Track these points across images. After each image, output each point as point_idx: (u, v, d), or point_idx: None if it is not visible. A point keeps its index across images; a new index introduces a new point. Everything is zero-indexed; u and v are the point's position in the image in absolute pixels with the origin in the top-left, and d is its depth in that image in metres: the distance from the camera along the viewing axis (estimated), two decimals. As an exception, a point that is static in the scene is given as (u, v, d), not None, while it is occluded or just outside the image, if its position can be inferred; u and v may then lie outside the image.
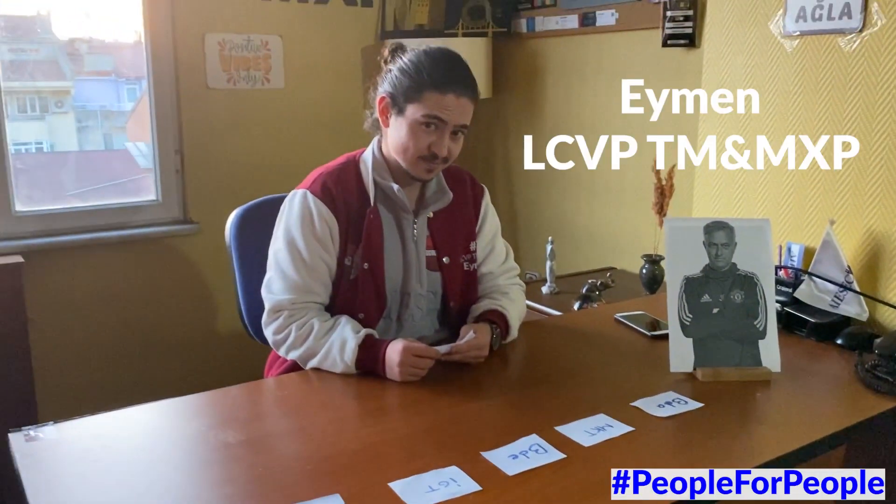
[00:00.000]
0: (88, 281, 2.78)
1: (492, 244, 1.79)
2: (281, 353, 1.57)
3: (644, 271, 2.48)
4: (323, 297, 1.60)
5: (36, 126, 2.93)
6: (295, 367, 1.60)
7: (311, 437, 1.27)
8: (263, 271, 1.62)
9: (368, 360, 1.49)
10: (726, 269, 1.60)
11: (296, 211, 1.59)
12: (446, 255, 1.69)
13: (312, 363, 1.53)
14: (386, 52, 1.63)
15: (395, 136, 1.57)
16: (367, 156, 1.65)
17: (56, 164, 3.01)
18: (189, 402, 1.41)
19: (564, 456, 1.20)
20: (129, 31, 3.00)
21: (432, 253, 1.68)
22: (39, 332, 2.63)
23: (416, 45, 1.64)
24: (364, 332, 1.52)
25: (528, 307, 2.40)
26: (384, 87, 1.59)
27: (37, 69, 2.86)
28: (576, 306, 2.37)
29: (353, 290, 1.60)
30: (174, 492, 1.10)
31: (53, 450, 1.22)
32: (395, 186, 1.60)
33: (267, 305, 1.58)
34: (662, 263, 2.48)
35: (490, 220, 1.79)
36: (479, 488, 1.10)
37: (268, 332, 1.58)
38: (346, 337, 1.50)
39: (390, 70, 1.59)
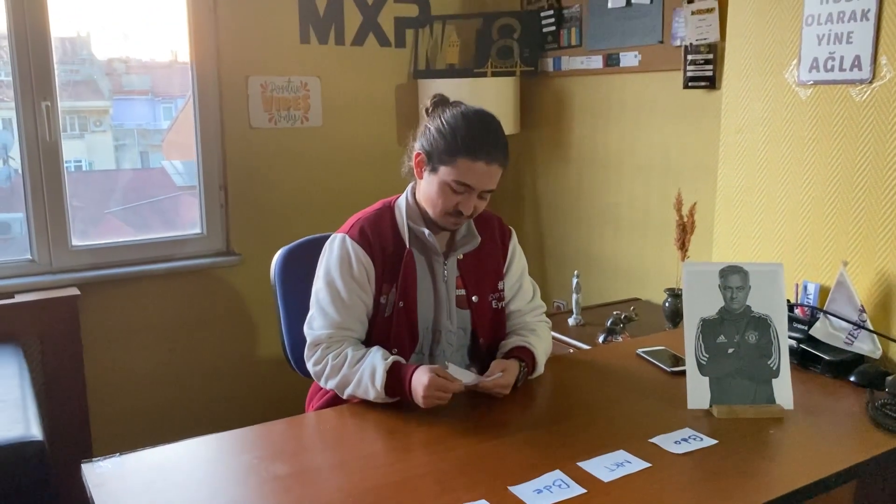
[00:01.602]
0: (138, 311, 2.94)
1: (519, 283, 1.90)
2: (321, 383, 1.70)
3: (667, 304, 2.57)
4: (359, 333, 1.73)
5: (76, 145, 3.07)
6: (334, 399, 1.72)
7: (352, 470, 1.38)
8: (305, 307, 1.75)
9: (396, 385, 1.59)
10: (741, 311, 1.69)
11: (335, 253, 1.73)
12: (475, 294, 1.80)
13: (348, 391, 1.64)
14: (429, 103, 1.77)
15: (426, 190, 1.70)
16: (402, 202, 1.77)
17: (96, 181, 3.17)
18: (239, 436, 1.54)
19: (585, 491, 1.30)
20: (165, 51, 3.16)
21: (462, 292, 1.80)
22: (93, 360, 2.79)
23: (455, 96, 1.77)
24: (392, 358, 1.63)
25: (555, 338, 2.51)
26: (421, 143, 1.72)
27: (77, 89, 3.00)
28: (600, 339, 2.47)
29: (388, 327, 1.72)
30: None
31: (120, 480, 1.35)
32: (427, 232, 1.72)
33: (308, 340, 1.71)
34: (682, 287, 2.57)
35: (517, 261, 1.90)
36: (507, 521, 1.21)
37: (309, 365, 1.71)
38: (375, 364, 1.61)
39: (429, 127, 1.71)
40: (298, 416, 1.65)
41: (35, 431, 1.81)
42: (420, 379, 1.58)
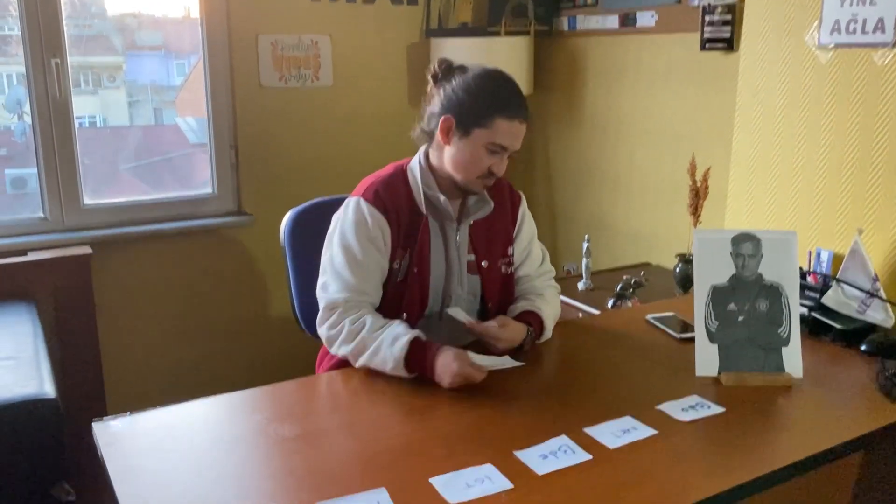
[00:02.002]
0: (150, 270, 2.96)
1: (528, 248, 1.89)
2: (333, 349, 1.68)
3: (677, 270, 2.55)
4: (375, 298, 1.71)
5: (90, 100, 3.06)
6: (343, 363, 1.73)
7: (360, 432, 1.40)
8: (315, 268, 1.74)
9: (418, 360, 1.57)
10: (752, 278, 1.68)
11: (350, 217, 1.70)
12: (485, 260, 1.79)
13: (363, 359, 1.60)
14: (436, 69, 1.73)
15: (456, 156, 1.68)
16: (415, 167, 1.75)
17: (109, 138, 3.17)
18: (248, 396, 1.55)
19: (591, 457, 1.30)
20: (177, 6, 3.11)
21: (472, 257, 1.79)
22: (106, 319, 2.82)
23: (462, 61, 1.73)
24: (416, 332, 1.61)
25: (564, 303, 2.50)
26: (447, 107, 1.67)
27: (89, 44, 2.96)
28: (610, 304, 2.46)
29: (399, 292, 1.72)
30: (240, 481, 1.23)
31: (131, 439, 1.37)
32: (443, 198, 1.71)
33: (322, 304, 1.69)
34: (693, 254, 2.55)
35: (527, 226, 1.89)
36: (511, 486, 1.21)
37: (322, 330, 1.68)
38: (398, 333, 1.58)
39: (453, 90, 1.67)
40: (308, 377, 1.66)
41: (48, 389, 1.83)
42: (448, 364, 1.54)
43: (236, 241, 3.11)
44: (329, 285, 1.69)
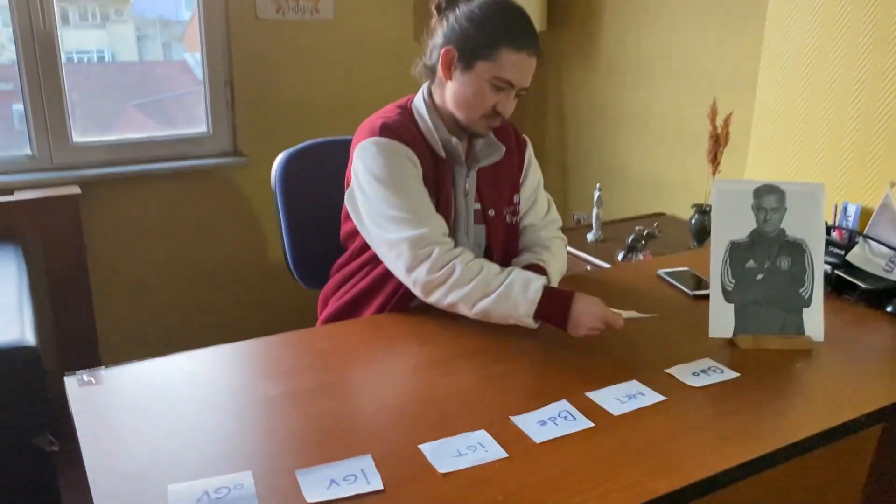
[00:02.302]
0: (142, 212, 2.86)
1: (534, 196, 1.78)
2: (433, 297, 1.48)
3: (693, 221, 2.43)
4: (443, 227, 1.53)
5: (97, 35, 2.96)
6: (344, 312, 1.63)
7: (348, 393, 1.31)
8: (308, 214, 1.62)
9: (552, 306, 1.44)
10: (774, 234, 1.56)
11: (377, 157, 1.50)
12: (491, 209, 1.68)
13: (483, 304, 1.44)
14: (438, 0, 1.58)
15: (458, 92, 1.54)
16: (421, 106, 1.61)
17: (118, 73, 3.05)
18: (234, 351, 1.46)
19: (592, 424, 1.21)
20: None
21: (478, 206, 1.67)
22: (97, 260, 2.73)
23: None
24: (545, 277, 1.50)
25: (572, 255, 2.39)
26: (449, 38, 1.54)
27: None
28: (620, 257, 2.35)
29: None
30: (217, 444, 1.15)
31: (104, 395, 1.28)
32: (455, 140, 1.58)
33: (406, 249, 1.46)
34: (711, 205, 2.42)
35: (533, 173, 1.77)
36: (506, 455, 1.12)
37: (419, 273, 1.46)
38: (528, 277, 1.46)
39: (457, 19, 1.53)
40: (296, 331, 1.56)
41: (29, 337, 1.76)
42: (588, 308, 1.43)
43: (232, 183, 3.00)
44: (390, 233, 1.48)
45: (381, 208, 1.50)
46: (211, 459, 1.11)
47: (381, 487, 1.05)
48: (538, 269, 1.67)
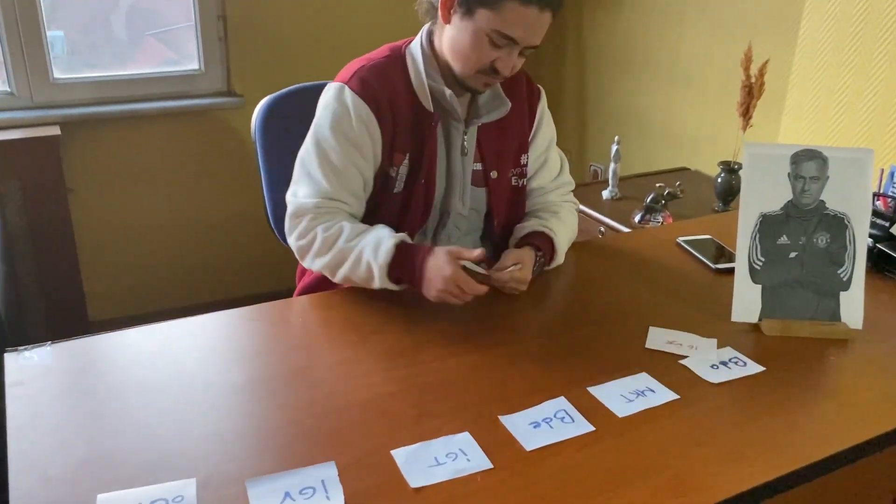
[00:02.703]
0: (130, 154, 2.70)
1: (545, 155, 1.59)
2: (306, 263, 1.43)
3: (719, 180, 2.23)
4: (353, 208, 1.43)
5: None
6: (325, 280, 1.48)
7: (316, 382, 1.16)
8: (290, 168, 1.46)
9: (404, 266, 1.32)
10: (812, 206, 1.37)
11: (330, 108, 1.40)
12: (494, 170, 1.50)
13: (342, 272, 1.36)
14: None
15: (455, 39, 1.35)
16: (416, 50, 1.42)
17: (100, 5, 2.84)
18: (198, 325, 1.32)
19: (593, 429, 1.06)
20: None
21: (479, 167, 1.49)
22: (81, 205, 2.59)
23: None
24: (401, 235, 1.35)
25: (585, 214, 2.21)
26: None
27: None
28: (637, 218, 2.16)
29: (400, 206, 1.44)
30: (162, 443, 1.01)
31: (46, 377, 1.14)
32: (448, 92, 1.39)
33: (289, 210, 1.42)
34: (741, 173, 2.22)
35: (545, 128, 1.58)
36: (490, 466, 0.98)
37: (291, 240, 1.43)
38: (381, 236, 1.33)
39: None
40: (270, 303, 1.40)
41: (-12, 295, 1.62)
42: (440, 267, 1.28)
43: (224, 126, 2.82)
44: (299, 188, 1.42)
45: (303, 159, 1.42)
46: (152, 462, 0.97)
47: (342, 504, 0.91)
48: (543, 238, 1.49)
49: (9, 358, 1.18)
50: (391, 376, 1.17)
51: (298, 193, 1.41)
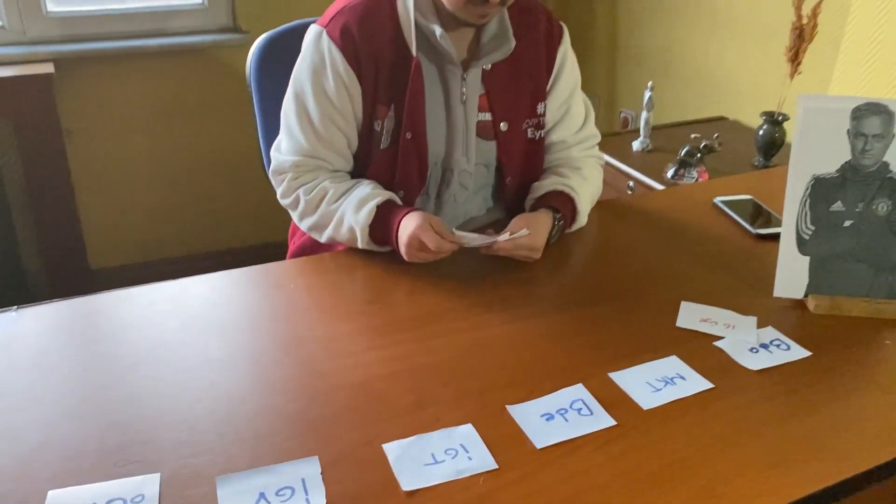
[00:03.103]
0: (128, 94, 2.56)
1: (567, 104, 1.42)
2: (297, 222, 1.33)
3: (761, 132, 2.04)
4: (337, 165, 1.31)
5: None
6: (315, 241, 1.36)
7: (302, 359, 1.03)
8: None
9: (383, 225, 1.23)
10: (873, 169, 1.20)
11: (308, 56, 1.27)
12: (505, 121, 1.34)
13: (327, 233, 1.28)
14: None
15: None
16: None
17: None
18: (180, 289, 1.20)
19: (614, 423, 0.93)
20: None
21: (487, 117, 1.33)
22: (78, 145, 2.47)
23: None
24: (387, 194, 1.25)
25: (613, 168, 2.05)
26: None
27: None
28: (669, 173, 1.99)
29: (390, 164, 1.30)
30: (126, 431, 0.90)
31: (7, 346, 1.04)
32: (438, 31, 1.23)
33: (272, 166, 1.32)
34: (786, 125, 2.04)
35: (567, 73, 1.41)
36: (495, 466, 0.86)
37: (278, 197, 1.33)
38: (364, 195, 1.24)
39: None
40: (261, 265, 1.28)
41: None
42: (407, 225, 1.19)
43: (229, 64, 2.66)
44: (282, 142, 1.32)
45: (286, 112, 1.31)
46: (113, 452, 0.86)
47: (323, 511, 0.79)
48: (563, 199, 1.34)
49: (-31, 324, 1.08)
50: (386, 355, 1.05)
51: (281, 148, 1.31)
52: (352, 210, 1.23)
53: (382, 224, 1.22)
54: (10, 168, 2.20)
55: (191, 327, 1.09)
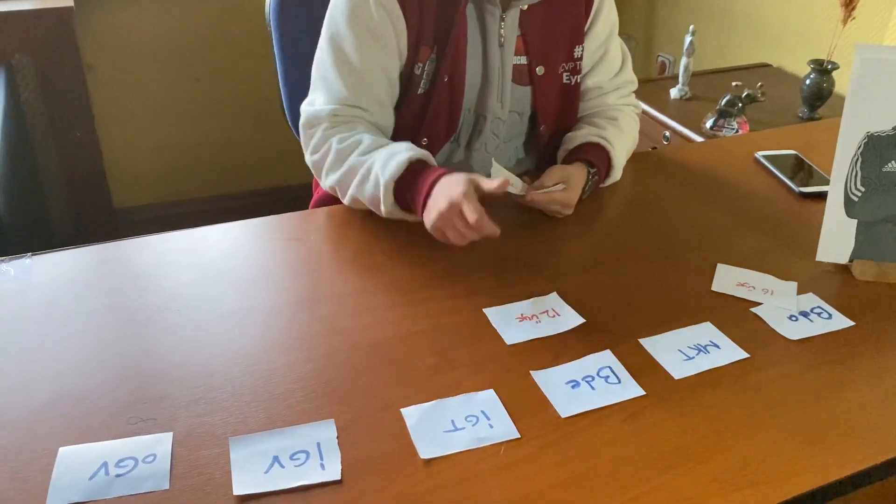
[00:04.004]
0: (150, 28, 2.50)
1: (604, 48, 1.34)
2: (321, 181, 1.22)
3: (808, 82, 1.94)
4: (377, 116, 1.22)
5: None
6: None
7: (321, 317, 1.00)
8: (309, 57, 1.25)
9: (414, 184, 1.09)
10: (934, 127, 1.12)
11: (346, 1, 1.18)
12: (541, 64, 1.27)
13: (350, 191, 1.15)
14: None
15: None
16: None
17: None
18: (192, 238, 1.17)
19: (643, 393, 0.89)
20: None
21: (522, 60, 1.26)
22: (98, 81, 2.43)
23: None
24: (425, 153, 1.13)
25: (649, 116, 1.97)
26: None
27: None
28: (708, 123, 1.90)
29: (421, 109, 1.23)
30: (133, 387, 0.87)
31: (21, 294, 1.02)
32: None
33: (302, 120, 1.21)
34: (835, 74, 1.93)
35: (605, 16, 1.32)
36: (517, 436, 0.82)
37: (306, 156, 1.22)
38: (395, 151, 1.12)
39: None
40: (282, 215, 1.23)
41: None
42: (451, 185, 1.04)
43: (252, 1, 2.57)
44: (316, 96, 1.21)
45: (319, 61, 1.22)
46: (125, 408, 0.84)
47: (339, 477, 0.77)
48: (598, 151, 1.28)
49: (-17, 271, 1.05)
50: (407, 314, 1.01)
51: (315, 102, 1.20)
52: (381, 161, 1.11)
53: (413, 179, 1.09)
54: (33, 104, 2.17)
55: (207, 279, 1.06)
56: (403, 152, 1.11)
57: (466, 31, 1.20)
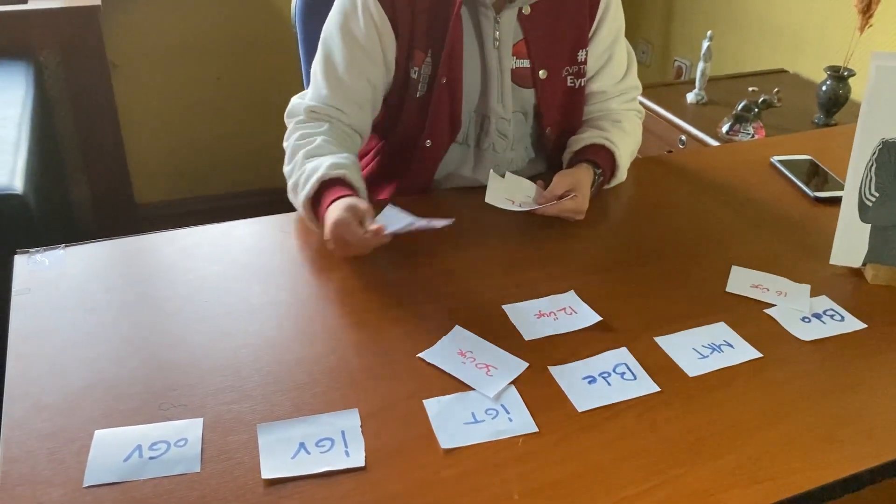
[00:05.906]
0: (175, 27, 2.54)
1: (609, 52, 1.36)
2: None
3: (824, 88, 1.95)
4: (355, 119, 1.25)
5: None
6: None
7: (344, 311, 1.03)
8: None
9: (318, 202, 1.12)
10: (948, 135, 1.13)
11: (339, 3, 1.24)
12: (544, 68, 1.30)
13: (290, 197, 1.18)
14: None
15: None
16: None
17: None
18: (217, 232, 1.20)
19: (658, 389, 0.91)
20: None
21: (525, 63, 1.29)
22: (123, 79, 2.47)
23: None
24: (342, 171, 1.13)
25: (664, 120, 1.99)
26: None
27: None
28: (724, 128, 1.92)
29: (422, 112, 1.27)
30: (165, 374, 0.91)
31: (56, 286, 1.05)
32: None
33: (287, 108, 1.29)
34: (851, 81, 1.94)
35: (611, 19, 1.34)
36: (535, 430, 0.85)
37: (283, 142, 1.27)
38: (318, 166, 1.13)
39: None
40: (293, 213, 1.25)
41: (17, 183, 1.53)
42: (333, 210, 1.07)
43: (277, 2, 2.61)
44: (307, 91, 1.28)
45: (316, 56, 1.27)
46: (157, 395, 0.87)
47: (363, 464, 0.79)
48: (603, 153, 1.30)
49: (18, 261, 1.09)
50: (430, 309, 1.04)
51: (305, 96, 1.28)
52: (304, 178, 1.13)
53: (316, 202, 1.12)
54: (59, 100, 2.21)
55: (233, 272, 1.10)
56: (325, 166, 1.13)
57: (462, 34, 1.24)
